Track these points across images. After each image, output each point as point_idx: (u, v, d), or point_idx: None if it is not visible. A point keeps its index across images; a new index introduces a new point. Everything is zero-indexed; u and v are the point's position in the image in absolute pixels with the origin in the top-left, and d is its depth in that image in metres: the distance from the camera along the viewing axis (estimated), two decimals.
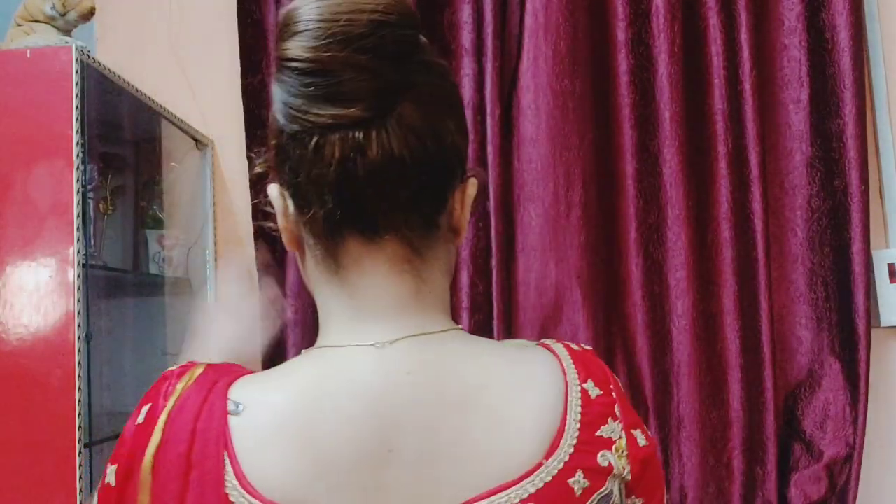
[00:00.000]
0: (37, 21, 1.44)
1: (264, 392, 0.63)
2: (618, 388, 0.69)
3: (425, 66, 0.64)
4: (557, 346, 0.70)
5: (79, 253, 1.30)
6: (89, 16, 1.48)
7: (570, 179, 1.69)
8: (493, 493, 0.60)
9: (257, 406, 0.61)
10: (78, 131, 1.31)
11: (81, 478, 1.22)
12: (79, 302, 1.28)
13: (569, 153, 1.70)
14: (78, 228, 1.30)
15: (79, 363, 1.27)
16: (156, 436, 0.61)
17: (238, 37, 1.81)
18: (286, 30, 0.61)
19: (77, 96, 1.32)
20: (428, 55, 0.65)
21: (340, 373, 0.63)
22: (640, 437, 0.68)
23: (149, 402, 0.64)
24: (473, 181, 0.69)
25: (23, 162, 1.31)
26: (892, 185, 1.76)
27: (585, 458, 0.63)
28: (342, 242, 0.64)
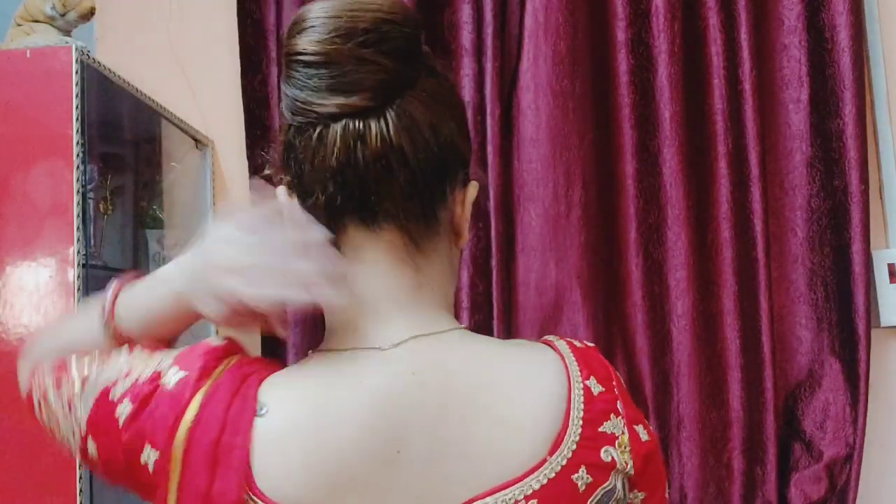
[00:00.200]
0: (37, 21, 1.44)
1: (280, 396, 0.63)
2: (620, 385, 0.70)
3: (427, 68, 0.66)
4: (560, 343, 0.71)
5: (79, 253, 1.30)
6: (89, 16, 1.48)
7: (570, 179, 1.69)
8: (498, 490, 0.61)
9: (272, 410, 0.62)
10: (78, 131, 1.31)
11: (81, 478, 1.22)
12: (79, 302, 1.28)
13: (569, 153, 1.70)
14: (78, 228, 1.30)
15: None
16: (191, 410, 0.61)
17: (238, 37, 1.81)
18: (294, 28, 0.64)
19: (77, 96, 1.32)
20: (430, 59, 0.67)
21: (348, 377, 0.63)
22: (643, 433, 0.69)
23: (185, 371, 0.63)
24: (475, 184, 0.71)
25: (23, 162, 1.31)
26: (892, 185, 1.76)
27: (589, 454, 0.64)
28: (343, 230, 0.66)
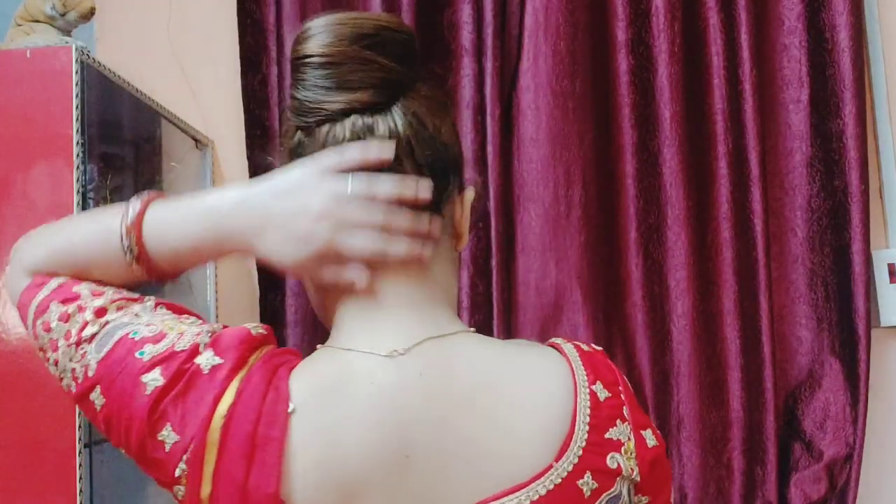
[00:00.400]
0: (37, 21, 1.44)
1: (299, 389, 0.63)
2: (627, 390, 0.70)
3: (425, 72, 0.71)
4: (567, 346, 0.71)
5: None
6: (89, 16, 1.48)
7: (570, 179, 1.69)
8: (506, 495, 0.61)
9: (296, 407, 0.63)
10: (78, 131, 1.31)
11: (81, 478, 1.22)
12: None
13: (569, 153, 1.70)
14: None
15: None
16: (226, 400, 0.61)
17: (238, 37, 1.81)
18: (301, 36, 0.68)
19: (77, 96, 1.31)
20: (426, 70, 0.72)
21: (360, 378, 0.64)
22: (650, 438, 0.69)
23: (221, 358, 0.63)
24: (471, 188, 0.74)
25: (23, 162, 1.31)
26: (892, 185, 1.76)
27: (594, 460, 0.64)
28: None
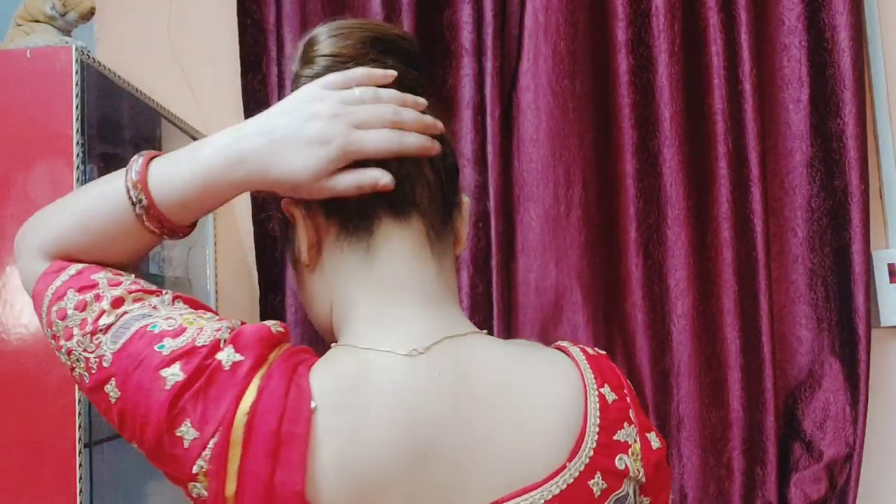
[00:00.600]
0: (37, 21, 1.44)
1: (322, 393, 0.63)
2: (631, 393, 0.71)
3: (429, 80, 0.74)
4: (574, 349, 0.72)
5: None
6: (89, 16, 1.48)
7: (570, 179, 1.69)
8: (521, 494, 0.62)
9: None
10: (78, 131, 1.30)
11: (81, 478, 1.22)
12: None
13: (569, 153, 1.70)
14: None
15: None
16: (248, 397, 0.61)
17: (238, 37, 1.81)
18: (314, 40, 0.72)
19: (77, 96, 1.31)
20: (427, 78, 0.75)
21: (379, 377, 0.63)
22: (654, 440, 0.70)
23: (241, 355, 0.63)
24: (466, 197, 0.76)
25: (23, 162, 1.31)
26: (892, 185, 1.76)
27: (604, 460, 0.65)
28: (375, 220, 0.68)
